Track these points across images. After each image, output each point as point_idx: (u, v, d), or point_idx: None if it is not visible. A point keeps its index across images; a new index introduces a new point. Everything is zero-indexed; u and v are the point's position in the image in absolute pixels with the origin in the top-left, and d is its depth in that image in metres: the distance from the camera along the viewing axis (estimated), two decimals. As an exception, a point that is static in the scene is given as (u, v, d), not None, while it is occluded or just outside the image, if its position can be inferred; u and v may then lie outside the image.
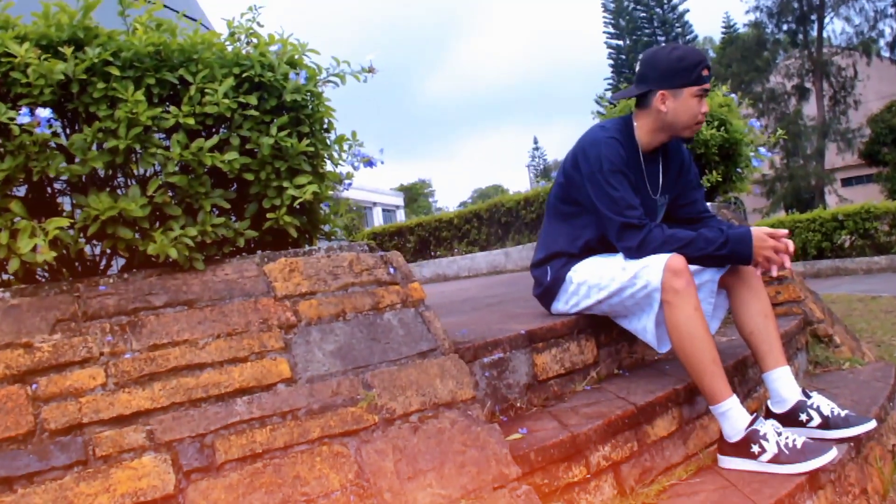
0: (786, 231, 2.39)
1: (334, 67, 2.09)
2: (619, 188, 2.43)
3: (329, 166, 2.17)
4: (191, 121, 1.76)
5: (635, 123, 2.58)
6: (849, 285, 9.78)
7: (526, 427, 2.08)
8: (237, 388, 1.59)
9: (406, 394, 1.75)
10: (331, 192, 2.23)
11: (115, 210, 1.65)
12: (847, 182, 31.76)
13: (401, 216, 39.75)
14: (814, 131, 29.02)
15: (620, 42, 41.65)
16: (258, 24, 2.05)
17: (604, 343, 2.69)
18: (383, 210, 40.00)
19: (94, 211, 1.64)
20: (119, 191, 1.81)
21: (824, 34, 29.86)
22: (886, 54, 29.67)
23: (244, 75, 1.87)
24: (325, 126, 2.12)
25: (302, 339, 1.74)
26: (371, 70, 2.07)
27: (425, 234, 11.96)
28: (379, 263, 2.00)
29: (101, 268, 1.93)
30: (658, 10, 40.69)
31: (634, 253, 2.41)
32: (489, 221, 10.82)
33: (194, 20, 2.11)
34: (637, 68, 2.56)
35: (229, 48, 1.97)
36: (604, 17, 42.16)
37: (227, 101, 1.79)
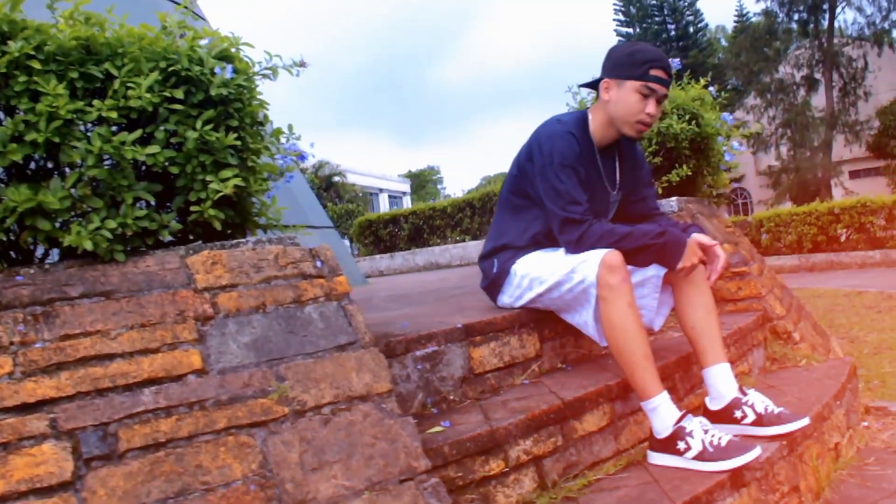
0: (715, 241, 2.45)
1: (267, 61, 2.11)
2: (566, 182, 2.45)
3: (266, 159, 2.19)
4: (114, 114, 1.79)
5: (590, 117, 2.60)
6: (841, 280, 9.77)
7: (451, 420, 2.12)
8: (145, 378, 1.62)
9: (320, 386, 1.78)
10: (269, 185, 2.26)
11: (34, 202, 1.69)
12: (854, 174, 31.55)
13: (407, 203, 39.81)
14: (822, 123, 28.80)
15: (630, 30, 41.37)
16: (202, 18, 2.07)
17: (548, 337, 2.72)
18: (390, 196, 40.08)
19: (12, 203, 1.68)
20: (44, 183, 1.84)
21: (836, 24, 29.58)
22: (899, 45, 29.38)
23: (171, 69, 1.90)
24: (260, 120, 2.15)
25: (217, 330, 1.77)
26: (302, 64, 2.10)
27: (419, 222, 12.00)
28: (306, 257, 2.03)
29: (39, 257, 1.97)
30: (668, -3, 40.41)
31: (574, 247, 2.44)
32: (482, 210, 10.84)
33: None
34: None
35: (167, 41, 2.00)
36: (614, 4, 41.89)
37: (149, 95, 1.82)
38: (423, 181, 59.00)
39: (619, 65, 2.49)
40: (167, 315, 1.74)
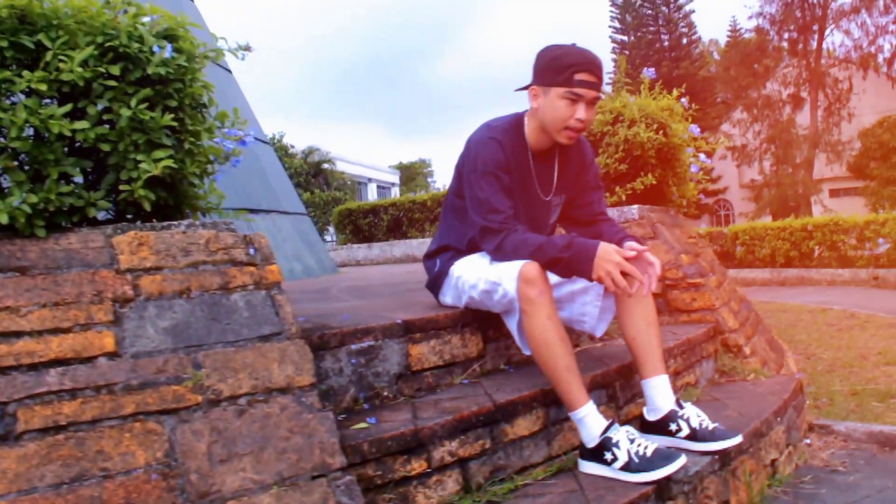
0: (644, 248, 2.34)
1: (212, 43, 2.07)
2: (486, 190, 2.41)
3: (210, 143, 2.15)
4: (43, 87, 1.74)
5: (525, 121, 2.56)
6: (809, 296, 9.85)
7: (379, 417, 2.09)
8: (53, 358, 1.58)
9: (238, 376, 1.75)
10: (215, 167, 2.22)
11: (-49, 171, 1.64)
12: (835, 193, 31.89)
13: (395, 194, 39.67)
14: (805, 140, 29.07)
15: (625, 37, 41.43)
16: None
17: (492, 338, 2.70)
18: (378, 187, 39.92)
19: (-71, 170, 1.63)
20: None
21: (824, 45, 29.86)
22: (884, 70, 29.68)
23: (108, 45, 1.85)
24: (203, 102, 2.11)
25: (136, 313, 1.73)
26: (248, 48, 2.06)
27: (398, 214, 11.96)
28: (239, 243, 1.99)
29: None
30: (664, 8, 40.47)
31: (493, 255, 2.43)
32: (460, 206, 10.79)
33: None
34: None
35: (108, 16, 1.95)
36: (610, 11, 41.91)
37: (81, 69, 1.77)
38: (413, 174, 58.80)
39: (543, 71, 2.41)
40: (84, 294, 1.70)
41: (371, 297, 3.66)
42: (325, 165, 29.79)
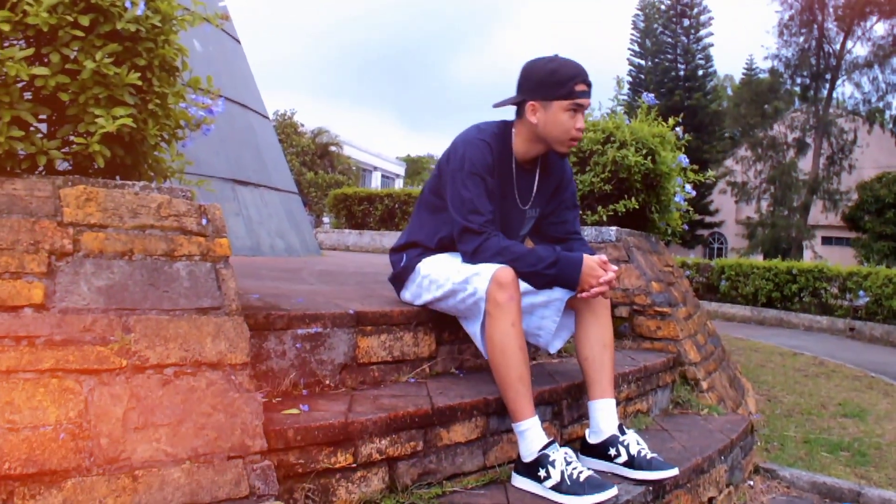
0: (615, 268, 2.43)
1: (189, 6, 2.03)
2: (471, 191, 2.39)
3: (181, 107, 2.12)
4: (6, 27, 1.70)
5: (513, 130, 2.54)
6: (784, 338, 9.86)
7: (312, 405, 2.06)
8: (-24, 302, 1.54)
9: (168, 345, 1.71)
10: (181, 132, 2.18)
11: None
12: (827, 241, 32.03)
13: (399, 185, 39.59)
14: (804, 185, 29.21)
15: (642, 62, 41.46)
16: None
17: (446, 340, 2.67)
18: (383, 176, 39.83)
19: None
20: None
21: (834, 95, 30.00)
22: (890, 126, 29.87)
23: (80, -7, 1.81)
24: (176, 66, 2.07)
25: (72, 268, 1.69)
26: (225, 17, 2.02)
27: (393, 205, 11.94)
28: (192, 212, 1.95)
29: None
30: (684, 38, 40.51)
31: (469, 257, 2.40)
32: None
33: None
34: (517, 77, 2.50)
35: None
36: (631, 34, 41.94)
37: (46, 15, 1.73)
38: (419, 167, 58.69)
39: (542, 85, 2.40)
40: (20, 242, 1.66)
41: (337, 283, 3.62)
42: (333, 148, 29.74)
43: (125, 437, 1.55)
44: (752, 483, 3.13)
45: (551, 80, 2.37)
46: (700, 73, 40.41)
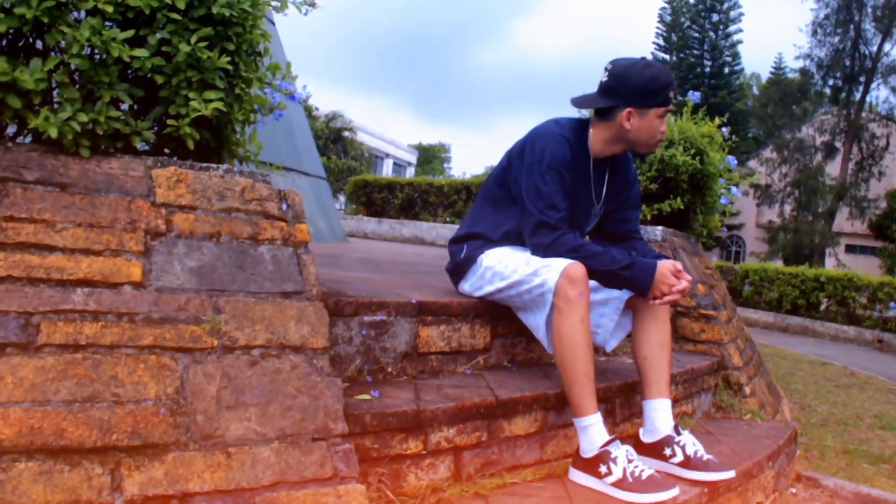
0: (689, 277, 2.42)
1: (279, -7, 2.07)
2: (550, 185, 2.41)
3: (258, 92, 2.15)
4: (109, 8, 1.74)
5: (591, 130, 2.55)
6: (810, 346, 9.82)
7: (381, 391, 2.09)
8: (80, 277, 1.59)
9: (255, 327, 1.75)
10: (258, 118, 2.22)
11: (8, 77, 1.64)
12: (850, 249, 31.70)
13: (411, 173, 39.64)
14: (830, 191, 28.87)
15: (667, 56, 41.16)
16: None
17: (500, 333, 2.70)
18: (395, 163, 39.86)
19: (-13, 73, 1.63)
20: (26, 61, 1.79)
21: (867, 99, 29.61)
22: (923, 134, 29.44)
23: (178, -23, 1.85)
24: (259, 51, 2.10)
25: (165, 248, 1.74)
26: (313, 4, 2.05)
27: (413, 195, 11.93)
28: (273, 197, 1.99)
29: (10, 136, 1.92)
30: (712, 33, 40.20)
31: (542, 251, 2.41)
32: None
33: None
34: (604, 78, 2.47)
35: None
36: (657, 28, 41.69)
37: (149, -3, 1.77)
38: (431, 156, 58.68)
39: (641, 94, 2.40)
40: (118, 221, 1.70)
41: (382, 271, 3.66)
42: (346, 133, 29.74)
43: (219, 414, 1.60)
44: (794, 490, 3.14)
45: (651, 89, 2.39)
46: (726, 70, 40.12)
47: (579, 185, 2.55)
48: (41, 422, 1.42)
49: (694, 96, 4.83)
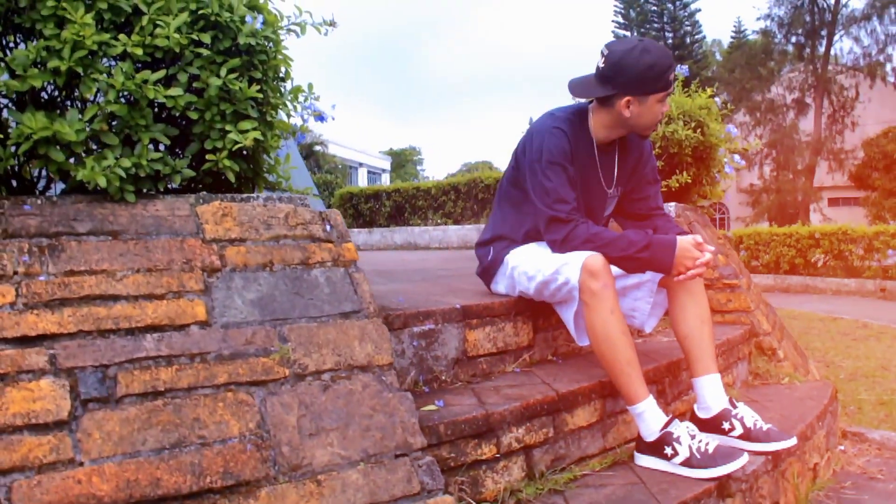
0: (712, 248, 2.38)
1: (296, 16, 2.06)
2: (553, 180, 2.40)
3: (282, 116, 2.14)
4: (139, 51, 1.73)
5: (591, 116, 2.54)
6: (815, 304, 9.89)
7: (444, 400, 2.09)
8: (149, 323, 1.58)
9: (321, 351, 1.75)
10: (281, 142, 2.21)
11: (49, 131, 1.62)
12: (834, 202, 31.92)
13: (386, 180, 39.61)
14: (807, 147, 29.09)
15: (627, 33, 41.21)
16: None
17: (541, 328, 2.70)
18: (369, 172, 39.80)
19: (28, 129, 1.61)
20: (61, 113, 1.78)
21: (832, 51, 29.82)
22: (892, 79, 29.67)
23: (200, 12, 1.84)
24: (282, 75, 2.10)
25: (224, 284, 1.73)
26: (332, 24, 2.05)
27: (401, 201, 11.92)
28: (316, 219, 1.99)
29: (40, 190, 1.91)
30: (669, 5, 40.28)
31: (558, 247, 2.41)
32: (466, 196, 10.79)
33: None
34: (601, 64, 2.42)
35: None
36: (615, 6, 41.64)
37: (178, 35, 1.76)
38: (403, 160, 58.76)
39: (641, 81, 2.36)
40: (174, 262, 1.69)
41: (403, 281, 3.65)
42: (318, 148, 29.67)
43: (302, 443, 1.59)
44: (842, 448, 3.16)
45: (650, 75, 2.34)
46: (688, 40, 40.21)
47: (586, 172, 2.54)
48: (136, 473, 1.41)
49: (682, 70, 4.85)
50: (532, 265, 2.49)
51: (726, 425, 2.37)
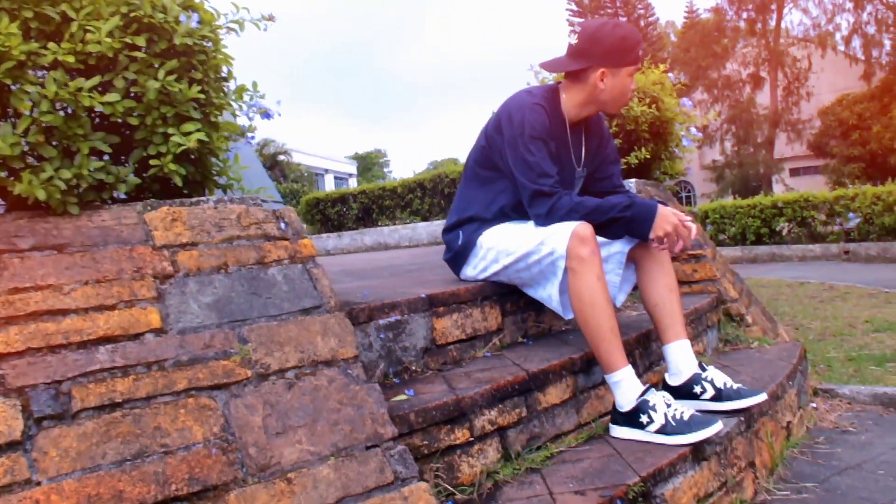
0: (690, 218, 2.43)
1: (233, 13, 2.02)
2: (536, 154, 2.42)
3: (228, 117, 2.11)
4: (70, 58, 1.69)
5: (563, 94, 2.56)
6: (783, 271, 10.02)
7: (414, 389, 2.07)
8: (101, 335, 1.54)
9: (284, 349, 1.72)
10: (230, 144, 2.18)
11: (-19, 147, 1.58)
12: (795, 172, 32.46)
13: (353, 184, 39.53)
14: (766, 120, 29.55)
15: (582, 20, 41.51)
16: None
17: (509, 311, 2.69)
18: (335, 177, 39.71)
19: (-42, 147, 1.57)
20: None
21: (783, 24, 30.31)
22: (842, 48, 30.19)
23: (132, 15, 1.80)
24: (224, 75, 2.06)
25: (177, 289, 1.69)
26: (271, 18, 2.02)
27: (369, 202, 11.87)
28: (269, 218, 1.96)
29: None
30: (622, -11, 40.65)
31: (543, 220, 2.42)
32: (433, 192, 10.78)
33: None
34: (574, 41, 2.49)
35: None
36: (568, -6, 41.98)
37: (110, 40, 1.72)
38: (369, 164, 58.71)
39: (614, 53, 2.43)
40: (124, 271, 1.66)
41: (371, 278, 3.62)
42: (282, 157, 29.54)
43: (270, 443, 1.57)
44: (814, 405, 3.20)
45: (623, 47, 2.42)
46: (642, 23, 40.57)
47: (560, 150, 2.56)
48: (97, 488, 1.37)
49: (635, 48, 4.88)
50: (511, 242, 2.49)
51: (697, 389, 2.39)
